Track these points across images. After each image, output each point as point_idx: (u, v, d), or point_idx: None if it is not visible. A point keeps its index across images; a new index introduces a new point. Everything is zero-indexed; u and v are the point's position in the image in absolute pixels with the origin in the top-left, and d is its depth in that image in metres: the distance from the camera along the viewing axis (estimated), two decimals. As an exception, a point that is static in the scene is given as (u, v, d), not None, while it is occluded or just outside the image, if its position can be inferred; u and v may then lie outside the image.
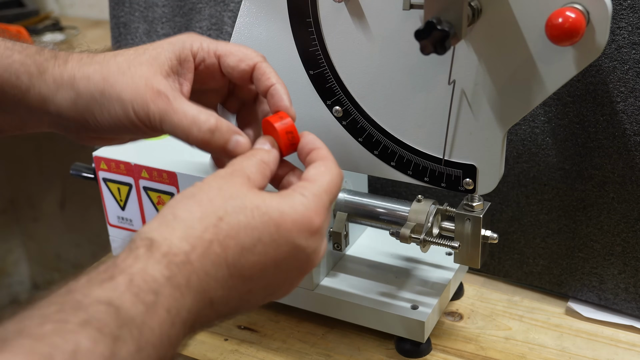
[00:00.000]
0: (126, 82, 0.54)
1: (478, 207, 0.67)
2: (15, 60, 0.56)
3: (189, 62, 0.57)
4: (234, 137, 0.55)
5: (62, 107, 0.56)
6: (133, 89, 0.54)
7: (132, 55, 0.56)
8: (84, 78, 0.55)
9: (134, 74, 0.55)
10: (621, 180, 0.74)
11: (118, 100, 0.54)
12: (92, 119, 0.55)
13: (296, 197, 0.49)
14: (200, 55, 0.57)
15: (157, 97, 0.54)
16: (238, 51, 0.58)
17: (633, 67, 0.70)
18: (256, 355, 0.75)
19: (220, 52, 0.58)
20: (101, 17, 1.60)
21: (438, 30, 0.50)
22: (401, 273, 0.79)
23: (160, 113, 0.54)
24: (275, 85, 0.57)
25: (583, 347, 0.75)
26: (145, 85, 0.54)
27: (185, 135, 0.54)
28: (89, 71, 0.55)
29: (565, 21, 0.52)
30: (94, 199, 1.07)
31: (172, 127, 0.54)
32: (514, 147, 0.79)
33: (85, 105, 0.55)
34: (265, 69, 0.57)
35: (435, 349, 0.75)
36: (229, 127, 0.55)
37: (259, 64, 0.57)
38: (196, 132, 0.54)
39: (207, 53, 0.57)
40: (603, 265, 0.79)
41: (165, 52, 0.56)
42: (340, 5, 0.63)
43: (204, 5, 0.93)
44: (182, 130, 0.54)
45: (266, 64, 0.58)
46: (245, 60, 0.57)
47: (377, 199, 0.75)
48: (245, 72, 0.57)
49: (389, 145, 0.67)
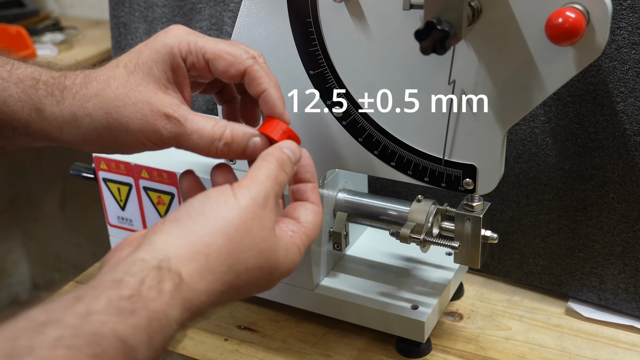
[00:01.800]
0: (130, 113, 0.53)
1: (478, 207, 0.67)
2: (12, 95, 0.55)
3: (182, 69, 0.55)
4: (251, 142, 0.55)
5: (72, 142, 0.56)
6: (140, 118, 0.53)
7: (124, 76, 0.54)
8: (87, 116, 0.54)
9: (136, 101, 0.53)
10: (621, 180, 0.74)
11: (127, 132, 0.54)
12: (106, 147, 0.56)
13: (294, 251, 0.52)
14: (189, 60, 0.55)
15: (168, 123, 0.54)
16: (227, 54, 0.54)
17: (633, 67, 0.70)
18: (256, 355, 0.75)
19: (209, 56, 0.54)
20: (101, 17, 1.60)
21: (438, 30, 0.50)
22: (401, 273, 0.79)
23: (175, 138, 0.54)
24: (267, 90, 0.55)
25: (583, 347, 0.75)
26: (151, 112, 0.53)
27: (205, 152, 0.55)
28: (88, 108, 0.54)
29: (565, 21, 0.52)
30: (94, 199, 1.07)
31: (191, 148, 0.55)
32: (514, 147, 0.79)
33: (95, 138, 0.55)
34: (256, 74, 0.55)
35: (435, 349, 0.75)
36: (243, 132, 0.55)
37: (249, 69, 0.55)
38: (214, 149, 0.54)
39: (196, 57, 0.54)
40: (603, 265, 0.79)
41: (156, 64, 0.54)
42: (340, 5, 0.63)
43: (204, 5, 0.93)
44: (201, 149, 0.55)
45: (257, 67, 0.55)
46: (235, 65, 0.54)
47: (377, 199, 0.75)
48: (235, 77, 0.55)
49: (389, 145, 0.67)
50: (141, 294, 0.42)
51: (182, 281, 0.44)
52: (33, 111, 0.55)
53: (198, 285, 0.45)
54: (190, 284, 0.44)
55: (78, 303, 0.40)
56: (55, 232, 1.84)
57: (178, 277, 0.44)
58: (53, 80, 0.56)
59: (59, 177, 1.74)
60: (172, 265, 0.44)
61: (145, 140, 0.54)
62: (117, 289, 0.41)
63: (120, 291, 0.41)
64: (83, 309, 0.39)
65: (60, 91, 0.55)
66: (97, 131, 0.55)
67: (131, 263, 0.44)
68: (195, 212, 0.48)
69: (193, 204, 0.48)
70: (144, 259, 0.44)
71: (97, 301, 0.40)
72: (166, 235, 0.46)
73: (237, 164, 0.73)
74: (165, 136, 0.54)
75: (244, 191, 0.49)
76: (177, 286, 0.44)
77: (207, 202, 0.48)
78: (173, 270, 0.44)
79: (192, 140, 0.54)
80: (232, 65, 0.55)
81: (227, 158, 0.57)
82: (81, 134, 0.55)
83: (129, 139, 0.54)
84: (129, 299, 0.41)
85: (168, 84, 0.55)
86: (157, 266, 0.44)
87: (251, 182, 0.50)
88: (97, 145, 0.56)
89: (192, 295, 0.44)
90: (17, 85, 0.56)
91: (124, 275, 0.43)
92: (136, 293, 0.42)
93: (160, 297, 0.42)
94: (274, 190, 0.51)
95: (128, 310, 0.41)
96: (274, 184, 0.51)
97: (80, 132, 0.55)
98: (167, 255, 0.45)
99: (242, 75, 0.55)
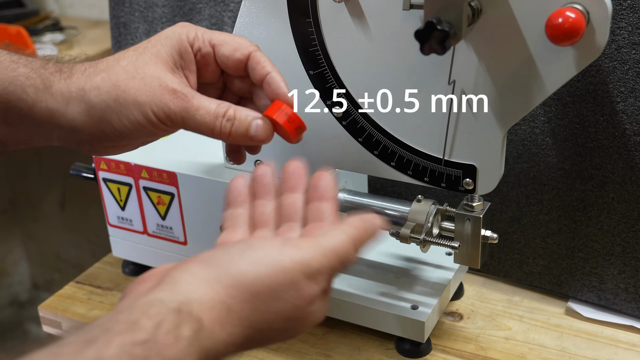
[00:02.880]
0: (139, 86, 0.54)
1: (478, 207, 0.67)
2: (20, 74, 0.56)
3: (189, 54, 0.57)
4: (254, 123, 0.56)
5: (75, 120, 0.55)
6: (148, 91, 0.54)
7: (133, 56, 0.56)
8: (94, 89, 0.55)
9: (144, 76, 0.55)
10: (621, 180, 0.74)
11: (135, 105, 0.54)
12: (109, 127, 0.55)
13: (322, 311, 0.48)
14: (196, 44, 0.58)
15: (175, 97, 0.54)
16: (232, 40, 0.58)
17: (633, 67, 0.70)
18: (256, 355, 0.75)
19: (215, 42, 0.58)
20: (101, 17, 1.60)
21: (438, 30, 0.50)
22: (401, 273, 0.79)
23: (181, 112, 0.54)
24: (271, 73, 0.57)
25: (583, 347, 0.75)
26: (160, 86, 0.54)
27: (210, 130, 0.55)
28: (96, 81, 0.55)
29: (565, 21, 0.52)
30: (94, 199, 1.07)
31: (196, 124, 0.55)
32: (514, 147, 0.79)
33: (100, 115, 0.55)
34: (260, 58, 0.57)
35: (435, 349, 0.75)
36: (246, 114, 0.56)
37: (254, 53, 0.57)
38: (218, 125, 0.54)
39: (203, 42, 0.58)
40: (603, 265, 0.79)
41: (164, 47, 0.56)
42: (340, 5, 0.63)
43: (204, 5, 0.93)
44: (207, 126, 0.54)
45: (260, 52, 0.58)
46: (240, 49, 0.57)
47: (377, 199, 0.75)
48: (239, 61, 0.57)
49: (389, 145, 0.67)
50: (157, 339, 0.39)
51: (202, 327, 0.41)
52: (40, 88, 0.55)
53: (218, 334, 0.42)
54: (210, 332, 0.41)
55: (89, 348, 0.37)
56: (55, 232, 1.84)
57: (199, 323, 0.41)
58: (62, 63, 0.58)
59: (59, 177, 1.74)
60: (194, 309, 0.41)
61: (151, 115, 0.54)
62: (131, 333, 0.38)
63: (135, 335, 0.38)
64: (93, 355, 0.37)
65: (70, 69, 0.56)
66: (104, 105, 0.54)
67: (149, 304, 0.40)
68: (230, 258, 0.44)
69: (230, 250, 0.45)
70: (163, 300, 0.41)
71: (109, 346, 0.37)
72: (192, 276, 0.43)
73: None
74: (173, 110, 0.54)
75: (295, 251, 0.45)
76: (197, 332, 0.40)
77: (247, 250, 0.45)
78: (194, 315, 0.41)
79: (199, 115, 0.54)
80: (237, 50, 0.57)
81: (231, 140, 0.56)
82: (86, 110, 0.55)
83: (135, 117, 0.54)
84: (143, 345, 0.38)
85: (175, 67, 0.57)
86: (176, 309, 0.40)
87: (312, 245, 0.46)
88: (99, 128, 0.55)
89: (210, 344, 0.41)
90: (26, 65, 0.56)
91: (141, 317, 0.39)
92: (151, 338, 0.38)
93: (177, 344, 0.39)
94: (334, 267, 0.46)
95: (141, 357, 0.38)
96: (337, 261, 0.46)
97: (85, 108, 0.55)
98: (190, 298, 0.41)
99: (246, 60, 0.57)
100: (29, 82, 0.55)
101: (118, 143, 0.58)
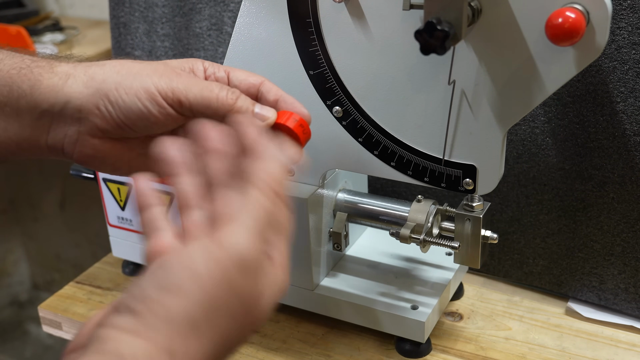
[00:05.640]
0: (145, 66, 0.54)
1: (478, 207, 0.67)
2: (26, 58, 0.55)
3: (200, 72, 0.57)
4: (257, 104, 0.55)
5: (71, 93, 0.53)
6: (153, 69, 0.54)
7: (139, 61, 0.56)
8: (99, 65, 0.54)
9: (151, 63, 0.55)
10: (621, 180, 0.74)
11: (137, 75, 0.53)
12: (104, 101, 0.52)
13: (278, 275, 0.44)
14: (210, 69, 0.58)
15: (181, 73, 0.54)
16: (245, 71, 0.58)
17: (633, 67, 0.70)
18: (256, 355, 0.75)
19: (229, 69, 0.58)
20: (101, 17, 1.60)
21: (438, 30, 0.50)
22: (401, 273, 0.79)
23: (185, 86, 0.53)
24: (283, 95, 0.57)
25: (583, 347, 0.75)
26: (165, 66, 0.54)
27: (215, 98, 0.53)
28: (104, 62, 0.55)
29: (565, 21, 0.52)
30: (94, 199, 1.07)
31: (201, 96, 0.53)
32: (514, 147, 0.79)
33: (97, 86, 0.53)
34: (272, 85, 0.58)
35: (435, 349, 0.75)
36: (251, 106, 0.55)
37: (266, 81, 0.58)
38: (224, 94, 0.53)
39: (217, 68, 0.58)
40: (603, 265, 0.79)
41: (176, 61, 0.57)
42: (340, 6, 0.63)
43: (204, 5, 0.93)
44: (212, 95, 0.53)
45: (271, 83, 0.58)
46: (253, 76, 0.58)
47: (377, 199, 0.75)
48: (252, 85, 0.57)
49: (389, 145, 0.67)
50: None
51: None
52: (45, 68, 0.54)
53: None
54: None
55: None
56: (55, 232, 1.84)
57: None
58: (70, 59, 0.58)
59: (59, 177, 1.74)
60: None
61: (154, 90, 0.52)
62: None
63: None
64: None
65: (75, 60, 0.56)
66: (104, 76, 0.53)
67: None
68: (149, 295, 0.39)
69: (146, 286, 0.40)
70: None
71: None
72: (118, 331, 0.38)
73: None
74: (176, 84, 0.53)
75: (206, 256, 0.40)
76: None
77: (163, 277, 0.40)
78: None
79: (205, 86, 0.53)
80: (251, 75, 0.58)
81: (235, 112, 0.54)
82: (85, 82, 0.53)
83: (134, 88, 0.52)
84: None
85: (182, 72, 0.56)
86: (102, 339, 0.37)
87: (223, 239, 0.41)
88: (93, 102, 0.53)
89: None
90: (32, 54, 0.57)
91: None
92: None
93: None
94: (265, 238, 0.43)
95: None
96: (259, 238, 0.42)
97: (84, 80, 0.53)
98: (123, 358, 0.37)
99: (259, 85, 0.57)
100: (35, 64, 0.55)
101: (107, 133, 0.54)
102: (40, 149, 0.56)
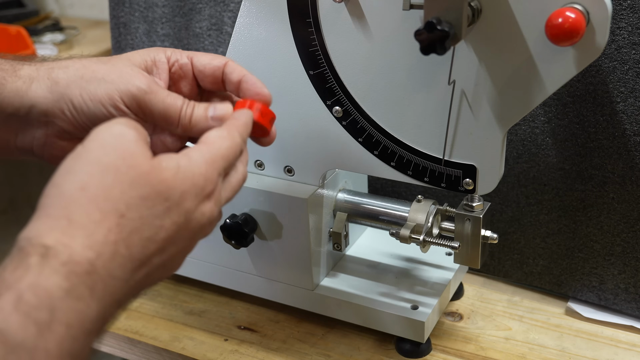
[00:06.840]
0: (108, 69, 0.54)
1: (478, 207, 0.67)
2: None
3: (163, 63, 0.58)
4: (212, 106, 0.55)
5: (36, 97, 0.53)
6: (117, 72, 0.54)
7: (104, 58, 0.56)
8: (62, 67, 0.54)
9: (115, 64, 0.54)
10: (621, 180, 0.74)
11: (101, 83, 0.53)
12: (68, 106, 0.53)
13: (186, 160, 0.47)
14: (173, 56, 0.58)
15: (144, 78, 0.54)
16: (208, 54, 0.59)
17: (633, 67, 0.70)
18: (256, 355, 0.75)
19: (192, 55, 0.59)
20: (101, 17, 1.60)
21: (438, 30, 0.50)
22: (401, 273, 0.79)
23: (147, 92, 0.53)
24: (246, 74, 0.58)
25: (583, 347, 0.75)
26: (131, 70, 0.54)
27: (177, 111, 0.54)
28: (66, 63, 0.55)
29: (565, 21, 0.52)
30: (94, 199, 1.07)
31: (164, 107, 0.53)
32: (514, 147, 0.79)
33: (62, 91, 0.53)
34: (236, 66, 0.58)
35: (435, 349, 0.75)
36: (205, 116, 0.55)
37: (230, 62, 0.58)
38: (184, 108, 0.54)
39: (180, 54, 0.59)
40: (603, 265, 0.79)
41: (138, 55, 0.57)
42: (340, 5, 0.63)
43: (204, 5, 0.93)
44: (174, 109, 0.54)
45: (235, 63, 0.59)
46: (217, 58, 0.59)
47: (377, 199, 0.75)
48: (217, 68, 0.58)
49: (389, 145, 0.67)
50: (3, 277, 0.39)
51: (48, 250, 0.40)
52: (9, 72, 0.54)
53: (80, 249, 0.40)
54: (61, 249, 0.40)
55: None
56: (55, 232, 1.83)
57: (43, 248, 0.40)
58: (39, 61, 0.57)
59: (59, 177, 1.74)
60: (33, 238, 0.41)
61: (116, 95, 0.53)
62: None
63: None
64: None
65: (42, 60, 0.56)
66: (68, 81, 0.53)
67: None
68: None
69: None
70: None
71: None
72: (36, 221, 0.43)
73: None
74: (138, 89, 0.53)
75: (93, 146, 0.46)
76: (43, 255, 0.39)
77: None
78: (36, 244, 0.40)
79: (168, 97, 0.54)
80: (214, 58, 0.59)
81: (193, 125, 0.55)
82: (49, 86, 0.53)
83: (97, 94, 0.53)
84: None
85: (146, 71, 0.57)
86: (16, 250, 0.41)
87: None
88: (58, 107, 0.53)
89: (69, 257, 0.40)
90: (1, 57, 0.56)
91: None
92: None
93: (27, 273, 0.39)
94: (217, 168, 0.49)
95: None
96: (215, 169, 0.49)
97: (49, 84, 0.53)
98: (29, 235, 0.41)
99: (223, 67, 0.58)
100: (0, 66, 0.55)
101: (74, 135, 0.55)
102: (10, 151, 0.57)
